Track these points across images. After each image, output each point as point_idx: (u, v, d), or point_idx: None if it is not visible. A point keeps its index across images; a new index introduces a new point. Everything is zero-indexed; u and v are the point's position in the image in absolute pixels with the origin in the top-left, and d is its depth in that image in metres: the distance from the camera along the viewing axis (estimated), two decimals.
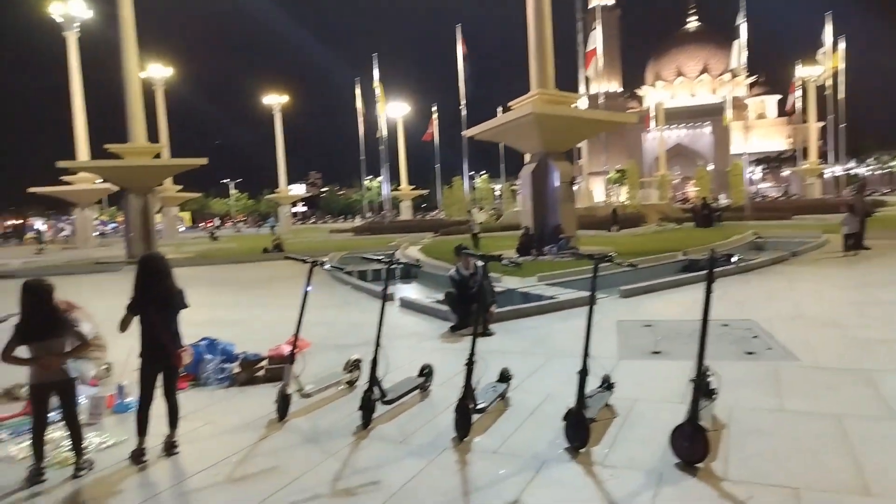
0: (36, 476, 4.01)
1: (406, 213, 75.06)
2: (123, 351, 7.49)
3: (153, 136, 33.60)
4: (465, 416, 4.41)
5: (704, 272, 4.05)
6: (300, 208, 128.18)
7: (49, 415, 4.17)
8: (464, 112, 53.12)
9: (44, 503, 3.77)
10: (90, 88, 38.98)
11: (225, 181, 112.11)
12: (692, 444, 3.81)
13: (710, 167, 76.18)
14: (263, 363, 6.50)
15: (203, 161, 26.63)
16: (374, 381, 4.81)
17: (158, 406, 4.45)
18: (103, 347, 6.71)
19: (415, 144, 77.49)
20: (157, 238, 26.90)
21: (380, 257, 6.12)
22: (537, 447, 4.24)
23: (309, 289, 5.39)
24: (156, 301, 4.30)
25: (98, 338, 6.65)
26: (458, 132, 45.40)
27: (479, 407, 4.57)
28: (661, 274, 12.17)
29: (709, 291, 3.97)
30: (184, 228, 77.34)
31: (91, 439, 4.68)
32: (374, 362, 4.85)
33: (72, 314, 6.53)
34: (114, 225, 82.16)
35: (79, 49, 39.06)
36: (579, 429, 4.13)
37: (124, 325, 4.31)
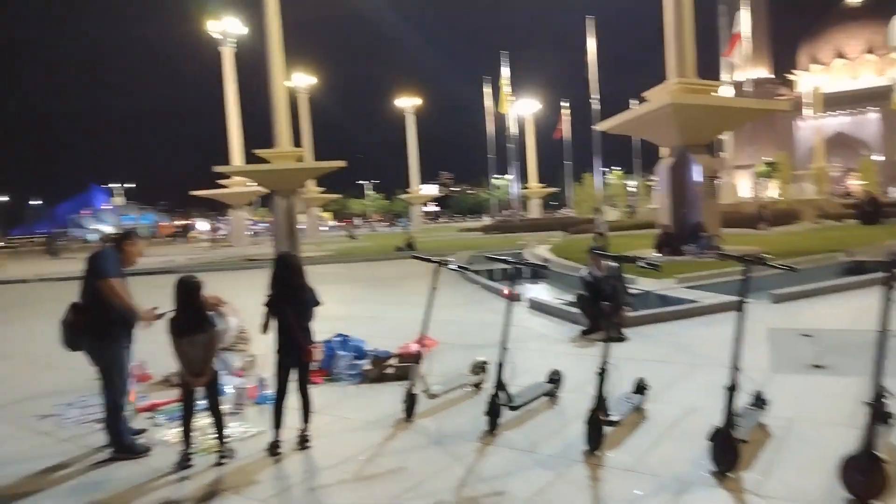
0: (184, 461, 4.29)
1: (535, 211, 74.35)
2: (266, 344, 7.99)
3: (297, 140, 35.86)
4: (597, 427, 4.14)
5: (878, 275, 3.48)
6: (431, 207, 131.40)
7: (196, 405, 4.45)
8: (595, 106, 51.60)
9: (190, 487, 4.02)
10: (243, 98, 42.40)
11: (361, 182, 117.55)
12: (868, 478, 3.28)
13: (877, 158, 68.20)
14: (392, 361, 6.58)
15: (342, 164, 27.94)
16: (500, 385, 4.66)
17: (294, 400, 4.62)
18: (249, 340, 7.15)
19: (544, 141, 76.54)
20: (301, 237, 28.62)
21: (505, 257, 5.96)
22: (678, 467, 3.88)
23: (435, 289, 5.34)
24: (291, 299, 4.45)
25: (244, 331, 7.09)
26: (589, 127, 44.22)
27: (611, 419, 4.28)
28: (819, 277, 10.91)
29: (888, 298, 3.40)
30: (327, 227, 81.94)
31: (234, 429, 4.96)
32: (501, 366, 4.71)
33: (219, 308, 7.02)
34: (264, 224, 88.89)
35: (233, 62, 42.61)
36: (727, 450, 3.72)
37: (265, 326, 4.51)
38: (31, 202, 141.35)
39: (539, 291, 12.71)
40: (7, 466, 4.53)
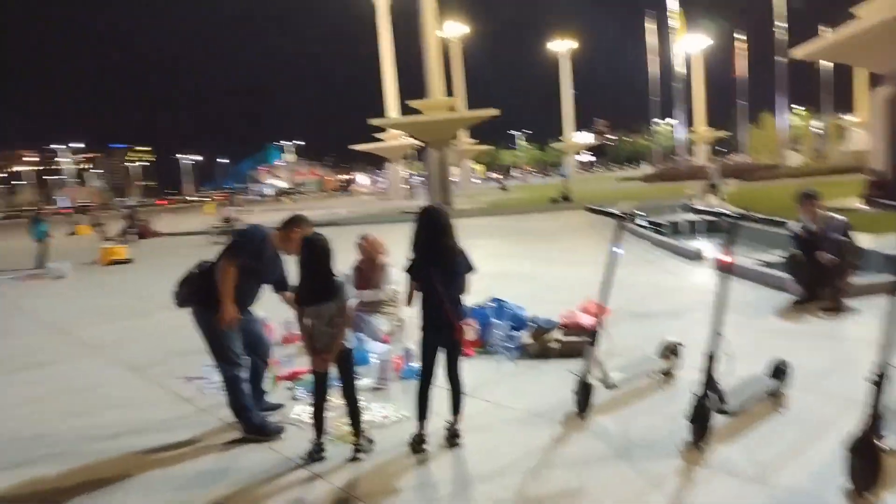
0: (316, 452, 3.65)
1: (702, 157, 68.35)
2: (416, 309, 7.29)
3: (449, 91, 35.25)
4: (872, 456, 2.82)
5: None
6: (586, 156, 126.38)
7: (329, 384, 3.76)
8: (780, 35, 45.29)
9: (318, 489, 3.35)
10: (397, 50, 42.47)
11: (513, 133, 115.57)
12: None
13: None
14: (557, 333, 5.55)
15: (494, 112, 26.88)
16: (710, 383, 3.47)
17: (443, 383, 3.78)
18: (399, 301, 6.49)
19: (713, 80, 69.48)
20: (453, 189, 28.21)
21: (725, 211, 4.56)
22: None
23: (619, 251, 4.19)
24: (437, 263, 3.57)
25: (395, 293, 6.43)
26: (770, 61, 38.88)
27: (891, 447, 2.93)
28: None
29: None
30: (478, 180, 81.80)
31: (374, 412, 4.26)
32: (711, 358, 3.50)
33: (380, 257, 6.42)
34: (419, 178, 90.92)
35: (388, 14, 42.66)
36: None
37: (410, 298, 3.69)
38: (218, 160, 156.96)
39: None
40: (136, 436, 4.20)
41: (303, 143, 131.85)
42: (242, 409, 4.04)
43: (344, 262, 4.25)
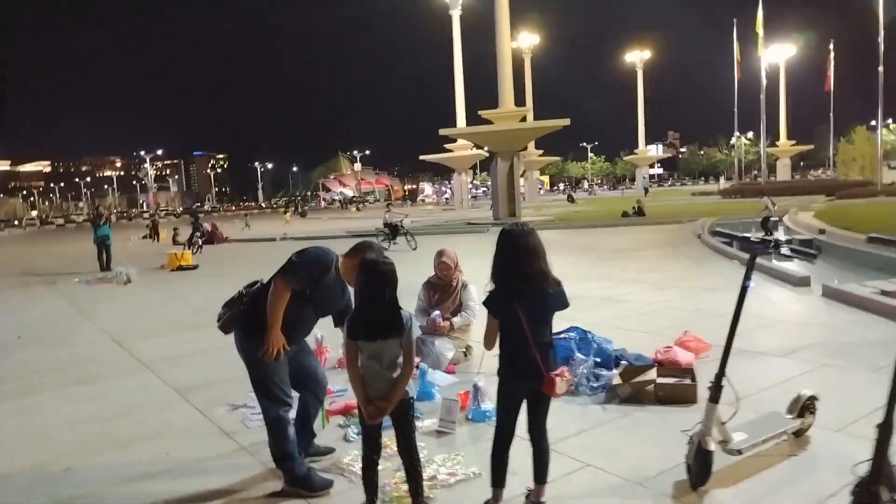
0: None
1: (783, 172, 64.85)
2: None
3: (519, 101, 34.56)
4: None
5: None
6: (656, 170, 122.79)
7: (381, 436, 3.11)
8: (873, 46, 42.24)
9: None
10: (467, 61, 42.18)
11: (583, 144, 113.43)
12: None
13: None
14: (650, 374, 4.74)
15: (565, 122, 26.01)
16: (883, 464, 2.61)
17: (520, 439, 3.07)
18: (468, 323, 5.83)
19: (797, 93, 66.08)
20: (521, 200, 27.42)
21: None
22: None
23: (751, 285, 3.38)
24: (525, 296, 2.86)
25: (472, 317, 5.78)
26: (861, 72, 36.25)
27: None
28: None
29: None
30: (543, 192, 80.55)
31: (437, 465, 3.59)
32: (887, 428, 2.64)
33: (460, 280, 5.76)
34: (483, 189, 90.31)
35: (460, 25, 42.50)
36: None
37: (490, 340, 2.99)
38: (293, 168, 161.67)
39: (827, 273, 9.67)
40: (168, 479, 3.69)
41: (367, 152, 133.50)
42: (286, 456, 3.45)
43: (409, 274, 3.61)
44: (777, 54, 56.39)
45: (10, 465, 4.10)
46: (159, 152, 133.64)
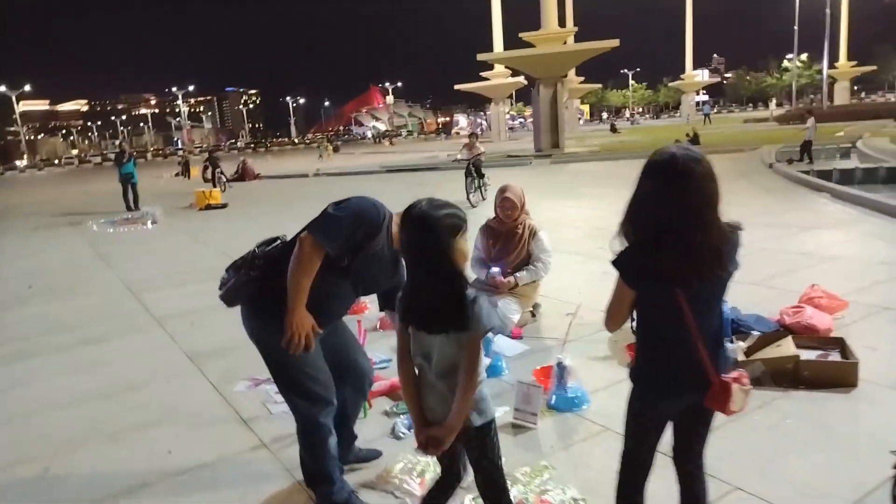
0: None
1: (842, 96, 60.67)
2: (562, 278, 5.69)
3: (562, 22, 32.22)
4: None
5: None
6: (702, 97, 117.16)
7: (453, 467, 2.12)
8: None
9: None
10: None
11: (623, 71, 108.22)
12: None
13: None
14: (786, 345, 3.63)
15: (614, 43, 23.95)
16: None
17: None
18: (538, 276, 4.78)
19: (858, 8, 61.12)
20: (565, 130, 25.78)
21: None
22: None
23: None
24: (688, 266, 1.75)
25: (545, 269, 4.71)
26: None
27: None
28: None
29: None
30: (583, 122, 77.50)
31: (522, 485, 2.62)
32: None
33: (530, 225, 4.68)
34: (520, 120, 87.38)
35: None
36: None
37: (616, 318, 1.92)
38: (324, 103, 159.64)
39: None
40: (164, 489, 2.81)
41: (401, 85, 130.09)
42: (324, 477, 2.52)
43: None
44: None
45: None
46: (191, 88, 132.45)
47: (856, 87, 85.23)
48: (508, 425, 3.19)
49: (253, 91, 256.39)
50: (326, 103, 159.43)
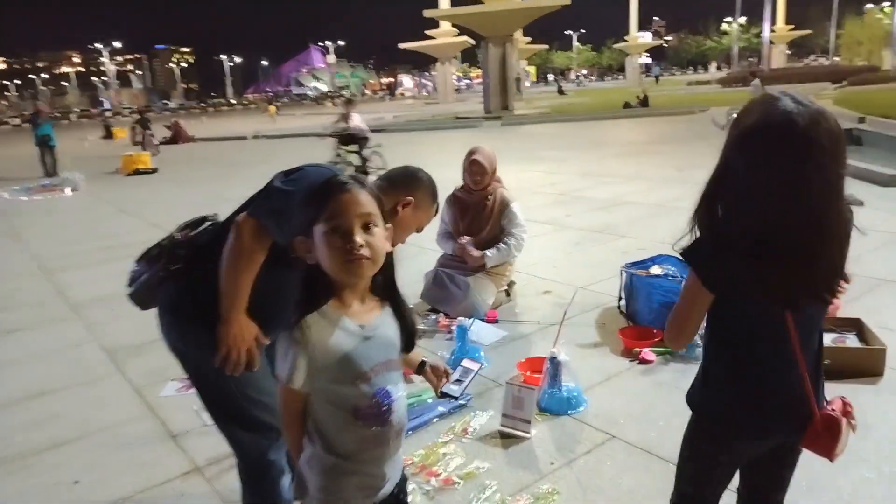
0: None
1: (778, 59, 62.10)
2: (534, 252, 5.17)
3: None
4: None
5: None
6: (644, 59, 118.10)
7: None
8: None
9: None
10: None
11: (568, 32, 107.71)
12: None
13: None
14: None
15: (565, 1, 23.31)
16: None
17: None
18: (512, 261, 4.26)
19: None
20: (515, 90, 25.21)
21: None
22: None
23: None
24: (811, 275, 1.22)
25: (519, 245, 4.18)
26: None
27: None
28: None
29: None
30: (529, 84, 76.98)
31: None
32: None
33: (501, 196, 4.11)
34: (467, 81, 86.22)
35: None
36: None
37: (688, 329, 1.36)
38: (261, 62, 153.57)
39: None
40: None
41: (343, 42, 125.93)
42: None
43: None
44: None
45: None
46: (117, 45, 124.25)
47: (789, 52, 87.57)
48: (496, 433, 2.69)
49: (185, 49, 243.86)
50: (264, 63, 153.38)
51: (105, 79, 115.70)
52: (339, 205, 1.25)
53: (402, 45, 41.95)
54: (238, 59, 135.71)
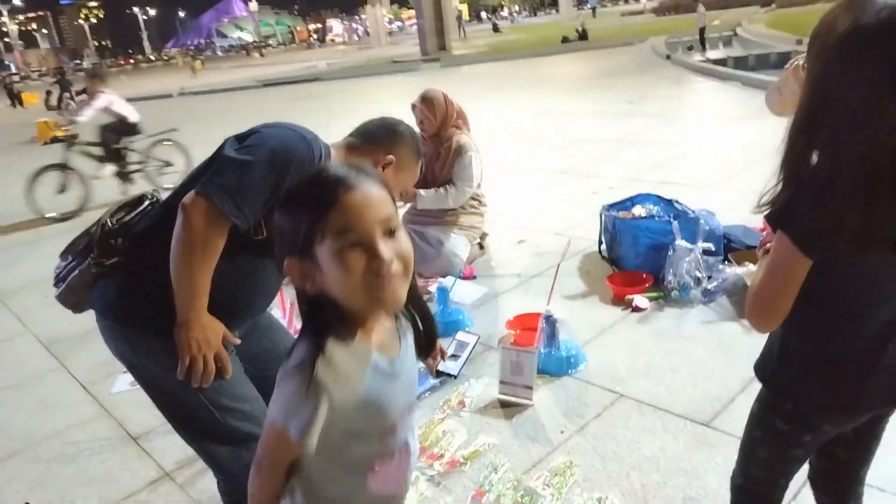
0: None
1: None
2: (501, 198, 4.83)
3: None
4: None
5: None
6: None
7: None
8: None
9: None
10: None
11: None
12: None
13: None
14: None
15: None
16: None
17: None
18: (482, 203, 3.98)
19: None
20: (452, 29, 24.44)
21: None
22: None
23: None
24: None
25: (478, 195, 3.89)
26: None
27: None
28: None
29: None
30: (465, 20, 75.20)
31: (545, 492, 1.94)
32: None
33: (453, 139, 3.74)
34: (398, 23, 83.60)
35: None
36: None
37: (780, 304, 1.09)
38: (179, 13, 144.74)
39: None
40: None
41: None
42: None
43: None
44: None
45: None
46: (17, 2, 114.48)
47: None
48: (496, 403, 2.49)
49: (93, 3, 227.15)
50: (181, 13, 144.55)
51: (7, 40, 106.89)
52: (350, 212, 0.90)
53: None
54: (152, 12, 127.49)
